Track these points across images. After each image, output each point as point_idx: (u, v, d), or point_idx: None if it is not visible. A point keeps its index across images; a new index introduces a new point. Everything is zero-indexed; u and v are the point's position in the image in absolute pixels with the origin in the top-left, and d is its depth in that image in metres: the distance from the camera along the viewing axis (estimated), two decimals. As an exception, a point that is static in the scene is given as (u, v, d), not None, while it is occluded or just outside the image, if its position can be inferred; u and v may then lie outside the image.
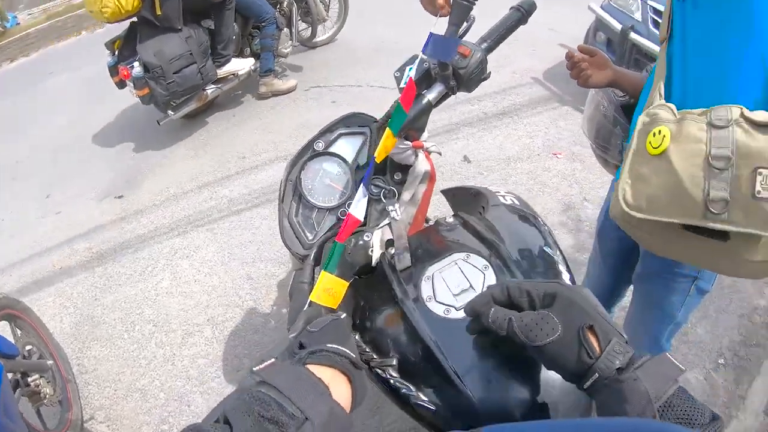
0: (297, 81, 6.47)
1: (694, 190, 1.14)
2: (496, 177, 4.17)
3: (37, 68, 11.67)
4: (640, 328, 1.96)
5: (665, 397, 0.71)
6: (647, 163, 1.22)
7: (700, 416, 0.69)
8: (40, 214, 5.41)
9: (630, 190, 1.26)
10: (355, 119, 1.49)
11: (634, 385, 0.71)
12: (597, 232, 2.08)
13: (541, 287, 0.86)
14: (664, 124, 1.20)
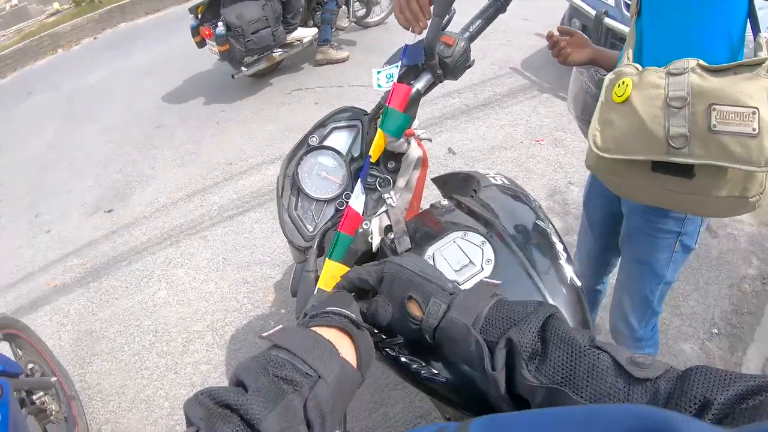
0: (349, 53, 6.94)
1: (655, 129, 1.27)
2: (481, 167, 4.22)
3: (15, 89, 11.57)
4: (631, 292, 2.01)
5: (483, 316, 0.76)
6: (613, 110, 1.35)
7: (521, 312, 0.74)
8: (30, 234, 5.40)
9: (599, 135, 1.38)
10: (346, 113, 1.53)
11: (452, 323, 0.77)
12: (583, 202, 2.14)
13: (372, 270, 0.93)
14: (627, 76, 1.33)
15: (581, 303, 1.13)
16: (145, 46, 11.29)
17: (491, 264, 1.16)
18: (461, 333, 0.76)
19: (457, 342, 0.76)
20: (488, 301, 0.79)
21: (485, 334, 0.74)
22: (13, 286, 4.66)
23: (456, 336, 0.77)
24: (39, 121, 8.74)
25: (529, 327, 0.70)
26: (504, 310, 0.76)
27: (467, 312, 0.77)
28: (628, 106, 1.31)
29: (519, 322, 0.72)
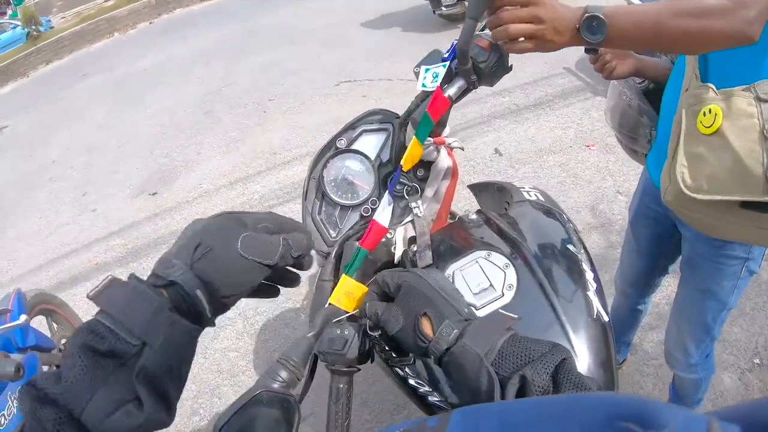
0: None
1: (753, 165, 1.14)
2: (527, 170, 4.11)
3: (71, 70, 11.87)
4: (690, 319, 1.88)
5: (497, 349, 0.72)
6: (702, 143, 1.22)
7: (537, 350, 0.70)
8: (76, 212, 5.53)
9: (688, 171, 1.25)
10: (377, 115, 1.47)
11: (464, 351, 0.73)
12: (630, 220, 2.03)
13: (396, 276, 0.89)
14: (712, 103, 1.19)
15: (606, 339, 1.05)
16: (199, 32, 11.45)
17: (512, 290, 1.09)
18: (473, 362, 0.72)
19: (467, 370, 0.73)
20: (503, 334, 0.75)
21: (497, 367, 0.71)
22: (56, 261, 4.77)
23: (466, 364, 0.73)
24: (91, 102, 8.95)
25: (544, 367, 0.67)
26: (519, 346, 0.73)
27: (481, 342, 0.74)
28: (720, 138, 1.18)
29: (534, 361, 0.69)
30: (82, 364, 0.57)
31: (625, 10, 1.04)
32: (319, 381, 0.96)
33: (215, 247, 0.69)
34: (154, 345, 0.61)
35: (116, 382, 0.58)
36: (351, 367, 0.93)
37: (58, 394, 0.55)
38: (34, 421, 0.55)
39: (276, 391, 0.76)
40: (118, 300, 0.62)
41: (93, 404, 0.56)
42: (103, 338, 0.59)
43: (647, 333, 2.63)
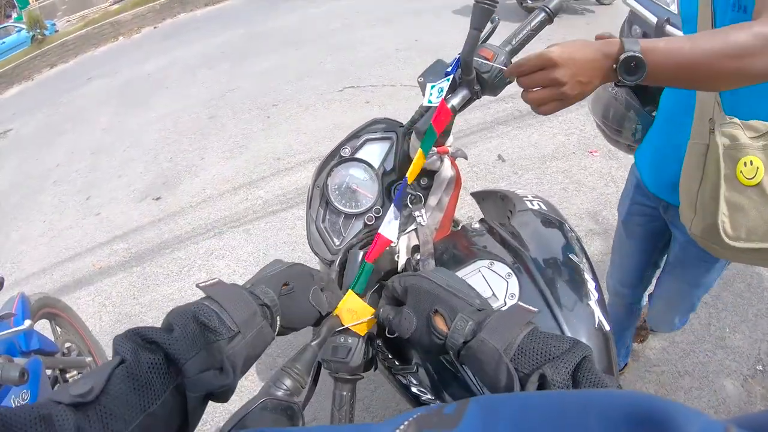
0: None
1: None
2: (531, 176, 4.12)
3: (76, 74, 11.89)
4: (678, 306, 2.01)
5: (516, 345, 0.74)
6: (743, 194, 1.25)
7: (557, 347, 0.71)
8: (80, 216, 5.54)
9: (729, 221, 1.29)
10: (380, 124, 1.47)
11: (483, 345, 0.75)
12: (622, 219, 2.04)
13: (402, 281, 0.94)
14: (752, 154, 1.22)
15: (608, 349, 1.06)
16: (203, 37, 11.49)
17: (514, 299, 1.09)
18: (492, 357, 0.73)
19: (486, 365, 0.74)
20: (523, 328, 0.76)
21: (516, 362, 0.72)
22: (60, 264, 4.78)
23: (485, 359, 0.74)
24: (96, 106, 8.97)
25: (564, 366, 0.68)
26: (539, 342, 0.73)
27: (500, 336, 0.75)
28: (761, 192, 1.23)
29: (554, 359, 0.70)
30: (192, 329, 0.72)
31: (664, 50, 1.02)
32: (322, 387, 0.97)
33: (296, 290, 0.91)
34: (245, 336, 0.77)
35: (210, 352, 0.72)
36: (354, 374, 0.94)
37: (168, 344, 0.69)
38: (134, 361, 0.66)
39: (280, 399, 0.78)
40: (226, 295, 0.79)
41: (194, 360, 0.69)
42: (211, 317, 0.74)
43: (650, 339, 2.65)
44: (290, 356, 0.87)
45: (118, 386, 0.64)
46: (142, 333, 0.69)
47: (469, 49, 1.13)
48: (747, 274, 2.91)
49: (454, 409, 0.49)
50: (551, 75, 1.02)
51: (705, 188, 1.33)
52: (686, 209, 1.43)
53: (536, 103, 1.07)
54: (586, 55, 1.02)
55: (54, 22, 18.86)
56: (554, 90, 1.03)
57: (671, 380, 2.46)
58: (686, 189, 1.41)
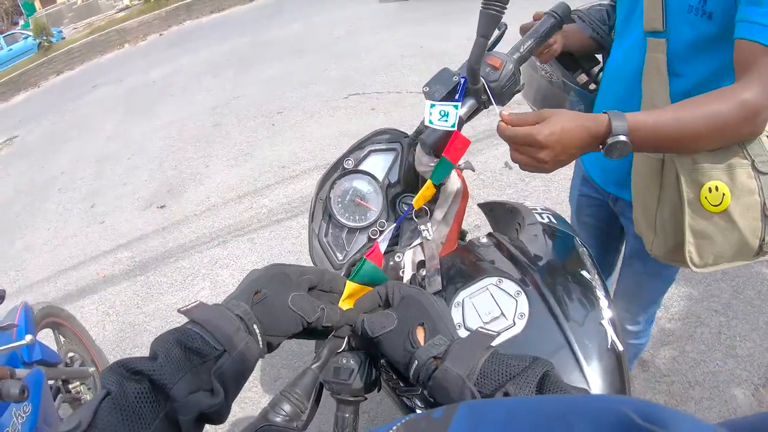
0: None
1: (752, 240, 1.20)
2: (538, 183, 4.08)
3: (81, 81, 11.93)
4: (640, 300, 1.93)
5: (478, 369, 0.74)
6: (709, 221, 1.23)
7: (518, 365, 0.72)
8: (85, 224, 5.55)
9: (695, 250, 1.27)
10: (385, 135, 1.42)
11: (446, 374, 0.75)
12: (574, 211, 2.03)
13: (404, 289, 0.93)
14: (716, 178, 1.19)
15: (620, 371, 1.01)
16: (209, 44, 11.53)
17: (524, 319, 1.05)
18: (456, 384, 0.74)
19: (451, 392, 0.74)
20: (483, 353, 0.77)
21: (480, 386, 0.72)
22: (64, 272, 4.78)
23: (449, 386, 0.74)
24: (101, 113, 9.00)
25: (526, 381, 0.69)
26: (499, 364, 0.74)
27: (462, 363, 0.76)
28: (726, 219, 1.20)
29: (516, 377, 0.70)
30: (177, 353, 0.71)
31: (651, 128, 1.06)
32: (326, 397, 0.95)
33: (270, 297, 0.87)
34: (231, 353, 0.75)
35: (197, 374, 0.71)
36: (357, 396, 0.91)
37: (153, 372, 0.68)
38: (119, 392, 0.65)
39: (278, 425, 0.76)
40: (207, 316, 0.78)
41: (180, 383, 0.68)
42: (194, 339, 0.73)
43: (659, 349, 2.61)
44: (294, 368, 0.85)
45: (105, 419, 0.63)
46: (126, 364, 0.69)
47: (476, 57, 1.09)
48: (757, 281, 2.87)
49: (442, 414, 0.48)
50: (535, 154, 1.07)
51: (664, 209, 1.32)
52: (645, 228, 1.41)
53: (518, 162, 1.13)
54: (573, 136, 1.06)
55: (61, 30, 18.98)
56: (535, 164, 1.09)
57: (681, 390, 2.42)
58: (642, 205, 1.39)
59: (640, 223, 1.43)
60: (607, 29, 1.63)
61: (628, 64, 1.39)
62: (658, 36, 1.27)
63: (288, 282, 0.91)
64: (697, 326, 2.67)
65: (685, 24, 1.21)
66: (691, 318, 2.72)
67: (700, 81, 1.27)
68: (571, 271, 1.16)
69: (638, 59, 1.34)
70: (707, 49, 1.22)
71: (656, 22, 1.25)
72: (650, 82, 1.31)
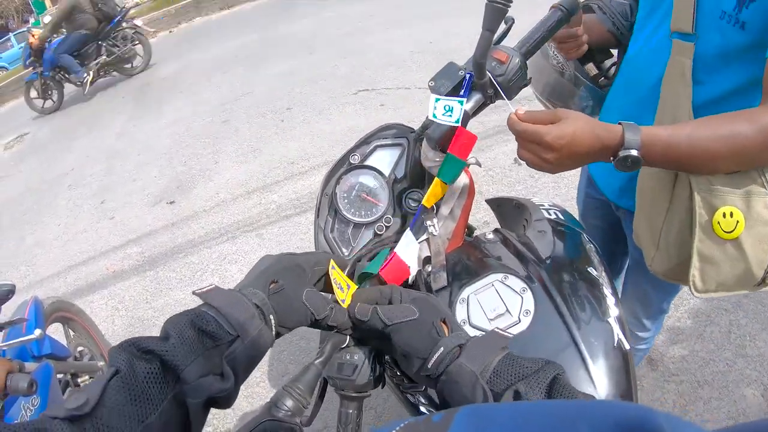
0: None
1: (758, 272, 1.17)
2: (547, 180, 4.05)
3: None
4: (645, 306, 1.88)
5: (491, 368, 0.75)
6: (718, 247, 1.18)
7: (530, 367, 0.72)
8: (94, 220, 5.58)
9: (699, 275, 1.22)
10: (391, 130, 1.41)
11: (461, 369, 0.76)
12: (581, 213, 1.99)
13: (412, 293, 0.93)
14: (731, 203, 1.14)
15: (627, 370, 1.00)
16: (218, 41, 11.53)
17: (529, 316, 1.04)
18: (469, 380, 0.75)
19: (463, 387, 0.75)
20: (498, 353, 0.78)
21: (491, 384, 0.74)
22: (75, 267, 4.81)
23: (462, 382, 0.75)
24: (111, 110, 9.01)
25: (537, 382, 0.70)
26: (512, 364, 0.75)
27: (477, 360, 0.77)
28: (737, 247, 1.16)
29: (527, 377, 0.71)
30: (190, 335, 0.71)
31: (664, 144, 1.03)
32: (332, 392, 0.94)
33: (287, 288, 0.87)
34: (245, 339, 0.75)
35: (209, 357, 0.72)
36: (361, 392, 0.91)
37: (165, 352, 0.68)
38: (129, 371, 0.65)
39: (281, 420, 0.76)
40: (222, 300, 0.78)
41: (192, 366, 0.69)
42: (209, 322, 0.74)
43: (668, 348, 2.59)
44: (302, 364, 0.85)
45: (113, 398, 0.63)
46: (137, 343, 0.69)
47: (481, 51, 1.07)
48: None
49: (441, 418, 0.49)
50: (542, 154, 1.05)
51: (671, 226, 1.27)
52: (646, 243, 1.37)
53: (523, 160, 1.11)
54: (583, 143, 1.03)
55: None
56: (540, 162, 1.07)
57: (690, 390, 2.40)
58: (647, 218, 1.35)
59: (641, 237, 1.39)
60: (628, 26, 1.56)
61: (648, 64, 1.32)
62: (686, 39, 1.18)
63: (302, 275, 0.91)
64: (706, 325, 2.64)
65: (716, 30, 1.13)
66: (700, 317, 2.70)
67: (722, 93, 1.20)
68: (577, 268, 1.15)
69: (660, 60, 1.26)
70: (735, 61, 1.15)
71: (685, 24, 1.17)
72: (672, 87, 1.23)
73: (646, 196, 1.33)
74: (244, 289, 0.83)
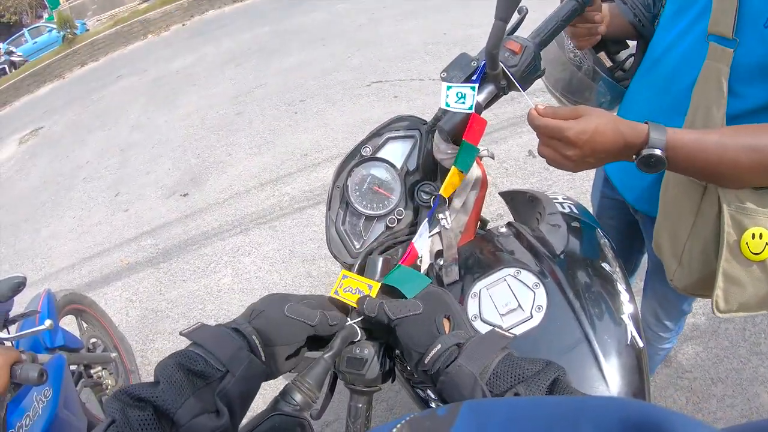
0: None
1: None
2: (562, 172, 4.00)
3: (105, 72, 12.03)
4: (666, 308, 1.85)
5: (492, 369, 0.74)
6: (745, 269, 1.13)
7: (530, 369, 0.71)
8: (109, 212, 5.62)
9: (723, 295, 1.18)
10: (403, 122, 1.38)
11: (460, 370, 0.75)
12: (596, 212, 1.93)
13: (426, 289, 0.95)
14: (762, 224, 1.09)
15: (640, 368, 0.98)
16: (231, 33, 11.55)
17: (541, 312, 1.02)
18: (468, 382, 0.74)
19: (462, 389, 0.75)
20: (498, 354, 0.77)
21: (491, 386, 0.73)
22: (89, 259, 4.84)
23: (461, 383, 0.75)
24: (125, 103, 9.06)
25: (537, 384, 0.69)
26: (512, 366, 0.74)
27: (476, 361, 0.76)
28: (763, 269, 1.11)
29: (527, 379, 0.70)
30: (178, 377, 0.71)
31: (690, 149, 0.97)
32: (341, 386, 0.94)
33: (266, 310, 0.88)
34: (234, 373, 0.76)
35: (201, 396, 0.72)
36: (370, 386, 0.90)
37: (155, 398, 0.68)
38: (123, 420, 0.65)
39: (289, 415, 0.76)
40: (208, 337, 0.79)
41: (184, 407, 0.69)
42: (196, 362, 0.74)
43: (682, 345, 2.56)
44: (313, 357, 0.84)
45: None
46: (128, 391, 0.69)
47: (494, 41, 1.04)
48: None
49: (446, 412, 0.49)
50: (562, 150, 1.02)
51: (695, 242, 1.22)
52: (668, 256, 1.33)
53: (544, 157, 1.07)
54: (606, 140, 0.99)
55: (84, 22, 19.13)
56: (561, 160, 1.04)
57: (704, 387, 2.38)
58: (670, 231, 1.30)
59: (662, 249, 1.35)
60: (650, 17, 1.45)
61: (678, 66, 1.24)
62: (725, 44, 1.08)
63: (284, 299, 0.92)
64: (721, 322, 2.61)
65: (758, 39, 1.03)
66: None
67: (757, 108, 1.11)
68: (592, 264, 1.13)
69: (692, 64, 1.17)
70: None
71: (725, 28, 1.07)
72: (705, 94, 1.13)
73: (669, 208, 1.29)
74: (228, 323, 0.85)
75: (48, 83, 14.85)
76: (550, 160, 1.06)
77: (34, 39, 19.78)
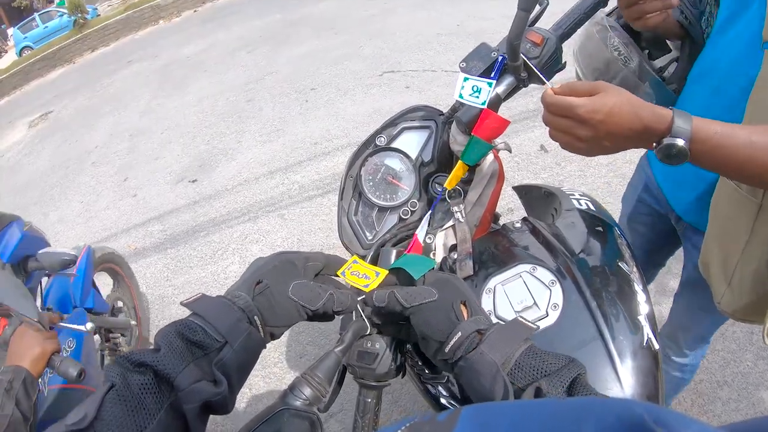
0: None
1: None
2: (573, 168, 3.97)
3: (116, 57, 12.04)
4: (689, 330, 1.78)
5: (514, 360, 0.74)
6: None
7: (554, 364, 0.72)
8: (117, 197, 5.62)
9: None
10: (419, 112, 1.35)
11: (482, 358, 0.75)
12: (626, 214, 1.85)
13: (436, 274, 0.92)
14: None
15: (654, 371, 0.96)
16: (242, 20, 11.55)
17: (557, 310, 1.01)
18: (489, 371, 0.73)
19: (482, 377, 0.74)
20: (521, 345, 0.76)
21: (512, 377, 0.72)
22: (96, 244, 4.80)
23: (482, 371, 0.74)
24: (135, 89, 9.07)
25: (560, 381, 0.69)
26: (536, 359, 0.73)
27: (499, 350, 0.75)
28: None
29: (550, 374, 0.71)
30: (179, 344, 0.73)
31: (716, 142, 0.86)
32: (349, 378, 0.92)
33: (272, 287, 0.86)
34: (233, 344, 0.76)
35: (200, 365, 0.73)
36: (380, 381, 0.88)
37: (156, 362, 0.69)
38: (123, 384, 0.67)
39: (298, 409, 0.74)
40: (208, 308, 0.79)
41: (184, 373, 0.70)
42: (195, 332, 0.75)
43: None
44: (320, 345, 0.82)
45: (110, 411, 0.65)
46: (129, 357, 0.71)
47: (516, 32, 1.00)
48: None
49: (447, 417, 0.49)
50: (573, 130, 0.92)
51: (748, 264, 1.13)
52: (716, 278, 1.24)
53: (553, 138, 0.97)
54: (621, 121, 0.88)
55: (95, 7, 19.18)
56: (571, 141, 0.94)
57: (710, 390, 2.36)
58: (720, 250, 1.21)
59: (710, 268, 1.26)
60: (698, 14, 1.33)
61: (731, 73, 1.16)
62: None
63: (292, 270, 0.90)
64: (729, 324, 2.56)
65: None
66: (723, 316, 2.64)
67: None
68: (608, 262, 1.11)
69: (745, 71, 1.09)
70: None
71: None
72: (761, 104, 1.03)
73: (721, 223, 1.20)
74: (231, 294, 0.84)
75: (58, 68, 14.88)
76: (562, 143, 0.97)
77: (45, 24, 19.81)
